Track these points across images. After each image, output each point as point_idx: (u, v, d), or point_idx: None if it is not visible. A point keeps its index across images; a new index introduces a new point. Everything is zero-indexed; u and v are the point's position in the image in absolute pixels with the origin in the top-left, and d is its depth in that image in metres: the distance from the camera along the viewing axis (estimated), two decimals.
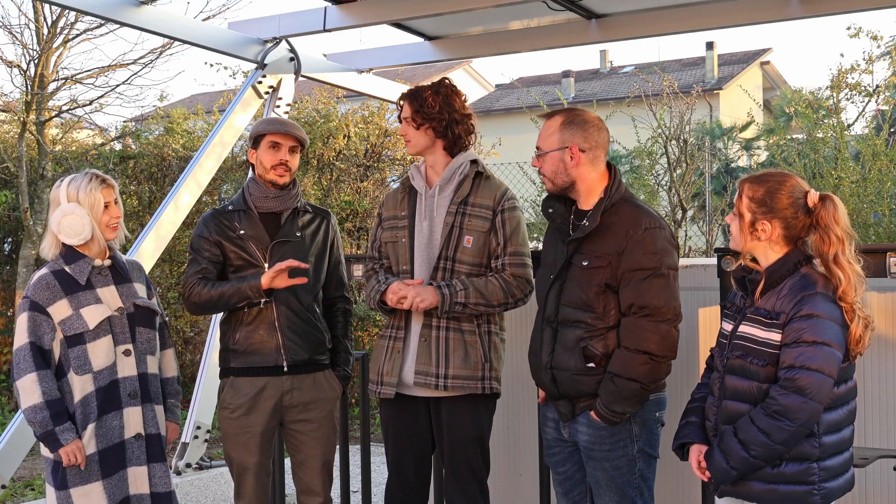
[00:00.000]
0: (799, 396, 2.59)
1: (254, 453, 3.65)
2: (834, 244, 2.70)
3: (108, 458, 3.33)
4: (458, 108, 3.56)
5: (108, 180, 3.46)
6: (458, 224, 3.49)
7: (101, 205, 3.39)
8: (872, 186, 8.63)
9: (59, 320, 3.32)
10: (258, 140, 3.73)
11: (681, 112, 11.44)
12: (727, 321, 2.91)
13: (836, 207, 2.73)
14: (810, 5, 5.24)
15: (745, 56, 30.82)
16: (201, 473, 6.10)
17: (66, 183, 3.40)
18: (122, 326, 3.40)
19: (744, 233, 2.80)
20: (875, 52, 11.26)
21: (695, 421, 2.91)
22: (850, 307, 2.69)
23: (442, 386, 3.44)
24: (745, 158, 18.28)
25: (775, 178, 2.79)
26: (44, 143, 10.62)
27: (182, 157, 10.26)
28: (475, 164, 3.57)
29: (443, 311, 3.41)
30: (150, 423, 3.43)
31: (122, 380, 3.37)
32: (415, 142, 3.59)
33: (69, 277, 3.36)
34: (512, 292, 3.46)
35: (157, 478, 3.41)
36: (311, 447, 3.73)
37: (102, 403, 3.33)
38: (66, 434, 3.26)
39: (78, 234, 3.35)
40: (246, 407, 3.63)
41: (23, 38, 10.92)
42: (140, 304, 3.47)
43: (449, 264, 3.48)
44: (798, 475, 2.68)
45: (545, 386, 3.26)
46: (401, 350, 3.53)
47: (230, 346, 3.69)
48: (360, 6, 5.52)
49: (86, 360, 3.31)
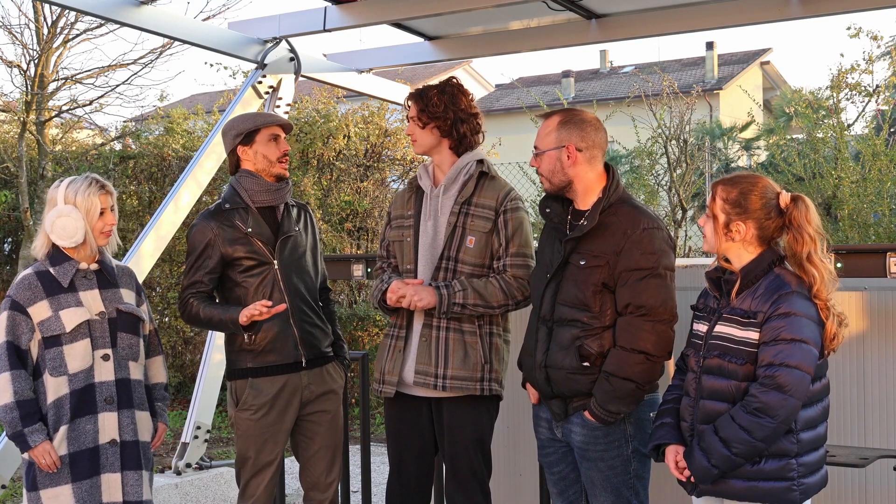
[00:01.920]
0: (779, 393, 2.63)
1: (273, 452, 3.65)
2: (807, 243, 2.74)
3: (80, 461, 3.29)
4: (464, 107, 3.56)
5: (107, 186, 3.43)
6: (461, 224, 3.49)
7: (98, 210, 3.37)
8: (872, 186, 8.64)
9: (38, 321, 3.30)
10: (251, 135, 3.67)
11: (681, 112, 11.44)
12: (700, 322, 2.93)
13: (807, 208, 2.78)
14: (810, 5, 5.24)
15: (745, 56, 30.82)
16: (201, 473, 6.10)
17: (66, 184, 3.38)
18: (103, 331, 3.37)
19: (718, 234, 2.84)
20: (875, 52, 11.25)
21: (669, 422, 2.94)
22: (824, 304, 2.74)
23: (441, 386, 3.44)
24: (745, 158, 18.27)
25: (747, 180, 2.84)
26: (44, 143, 10.63)
27: (182, 157, 10.26)
28: (481, 164, 3.56)
29: (440, 311, 3.41)
30: (125, 430, 3.38)
31: (98, 384, 3.34)
32: (420, 141, 3.59)
33: (52, 279, 3.34)
34: (512, 294, 3.45)
35: (129, 486, 3.35)
36: (324, 438, 3.74)
37: (76, 406, 3.29)
38: (34, 435, 3.24)
39: (70, 236, 3.34)
40: (269, 406, 3.61)
41: (23, 38, 10.94)
42: (123, 309, 3.43)
43: (451, 264, 3.48)
44: (777, 471, 2.72)
45: (539, 385, 3.25)
46: (402, 349, 3.53)
47: (245, 347, 3.64)
48: (360, 6, 5.52)
49: (61, 362, 3.29)
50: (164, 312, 10.08)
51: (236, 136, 3.68)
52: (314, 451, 3.75)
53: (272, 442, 3.64)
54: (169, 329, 9.97)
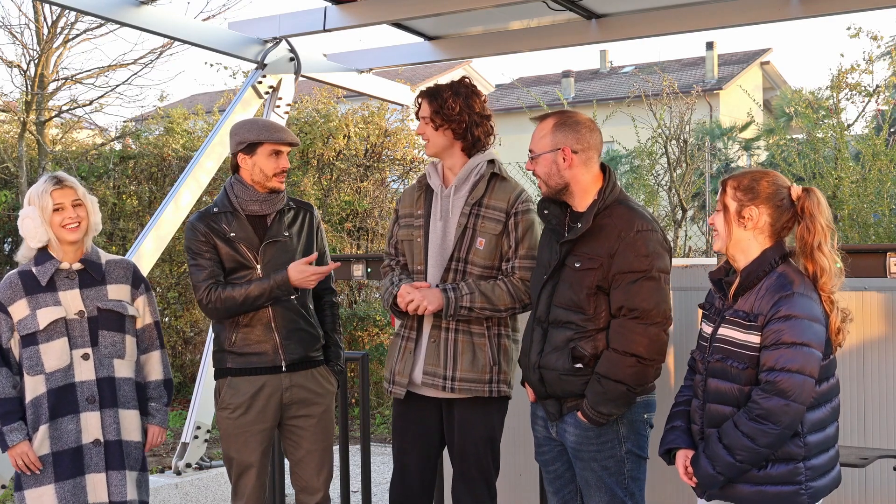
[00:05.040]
0: (781, 399, 2.60)
1: (254, 452, 3.65)
2: (818, 233, 2.72)
3: (63, 461, 3.28)
4: (479, 110, 3.54)
5: (64, 181, 3.38)
6: (472, 225, 3.46)
7: (51, 207, 3.33)
8: (872, 186, 8.64)
9: (17, 319, 3.32)
10: (254, 146, 3.65)
11: (681, 112, 11.44)
12: (707, 323, 2.91)
13: (819, 199, 2.76)
14: (810, 5, 5.24)
15: (745, 56, 30.83)
16: (201, 473, 6.10)
17: (33, 186, 3.41)
18: (82, 330, 3.35)
19: (729, 224, 2.80)
20: (875, 52, 11.27)
21: (680, 425, 2.91)
22: (828, 297, 2.72)
23: (449, 388, 3.44)
24: (745, 158, 18.27)
25: (757, 171, 2.86)
26: (44, 143, 10.63)
27: (182, 157, 10.27)
28: (492, 165, 3.54)
29: (447, 314, 3.40)
30: (109, 429, 3.35)
31: (79, 384, 3.33)
32: (433, 142, 3.55)
33: (34, 278, 3.35)
34: (520, 297, 3.43)
35: (114, 486, 3.34)
36: (311, 442, 3.73)
37: (55, 406, 3.29)
38: (13, 434, 3.24)
39: (33, 237, 3.34)
40: (245, 406, 3.62)
41: (23, 38, 10.95)
42: (103, 307, 3.40)
43: (461, 265, 3.47)
44: (785, 476, 2.68)
45: (533, 385, 3.26)
46: (412, 350, 3.53)
47: (226, 348, 3.67)
48: (360, 6, 5.52)
49: (38, 361, 3.30)
50: (164, 312, 10.09)
51: (239, 143, 3.67)
52: (301, 455, 3.75)
53: (253, 442, 3.63)
54: (169, 329, 9.98)
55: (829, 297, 2.72)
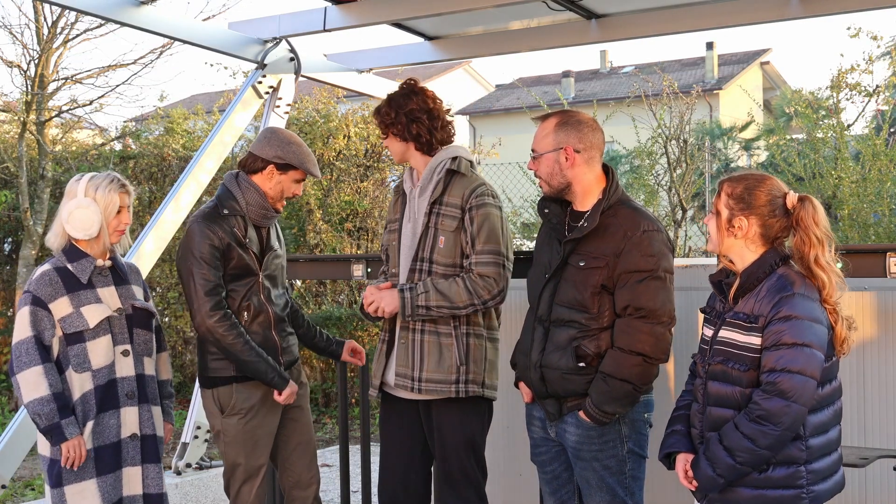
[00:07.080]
0: (782, 400, 2.57)
1: (263, 455, 3.66)
2: (815, 245, 2.69)
3: (104, 456, 3.34)
4: (414, 107, 3.51)
5: (127, 186, 3.49)
6: (433, 224, 3.47)
7: (116, 207, 3.42)
8: (872, 186, 8.65)
9: (59, 317, 3.33)
10: (288, 167, 3.62)
11: (681, 112, 11.43)
12: (708, 326, 2.89)
13: (815, 209, 2.72)
14: (810, 5, 5.24)
15: (745, 56, 30.83)
16: (201, 473, 6.11)
17: (87, 178, 3.43)
18: (121, 327, 3.42)
19: (721, 230, 2.79)
20: (875, 52, 11.29)
21: (680, 429, 2.90)
22: (833, 309, 2.69)
23: (416, 389, 3.45)
24: (745, 158, 18.27)
25: (754, 177, 2.80)
26: (44, 143, 10.62)
27: (182, 157, 10.27)
28: (453, 161, 3.51)
29: (405, 314, 3.40)
30: (145, 424, 3.45)
31: (120, 379, 3.40)
32: (391, 150, 3.64)
33: (71, 275, 3.38)
34: (478, 293, 3.39)
35: (150, 479, 3.43)
36: (301, 433, 3.79)
37: (101, 401, 3.35)
38: (70, 428, 3.27)
39: (86, 229, 3.37)
40: (256, 409, 3.62)
41: (23, 38, 10.95)
42: (138, 305, 3.49)
43: (426, 265, 3.47)
44: (786, 479, 2.66)
45: (533, 385, 3.25)
46: (386, 352, 3.57)
47: None
48: (360, 6, 5.52)
49: (85, 359, 3.33)
50: (164, 312, 10.09)
51: (278, 157, 3.61)
52: (292, 448, 3.78)
53: (261, 445, 3.64)
54: (169, 329, 9.98)
55: (833, 308, 2.69)
